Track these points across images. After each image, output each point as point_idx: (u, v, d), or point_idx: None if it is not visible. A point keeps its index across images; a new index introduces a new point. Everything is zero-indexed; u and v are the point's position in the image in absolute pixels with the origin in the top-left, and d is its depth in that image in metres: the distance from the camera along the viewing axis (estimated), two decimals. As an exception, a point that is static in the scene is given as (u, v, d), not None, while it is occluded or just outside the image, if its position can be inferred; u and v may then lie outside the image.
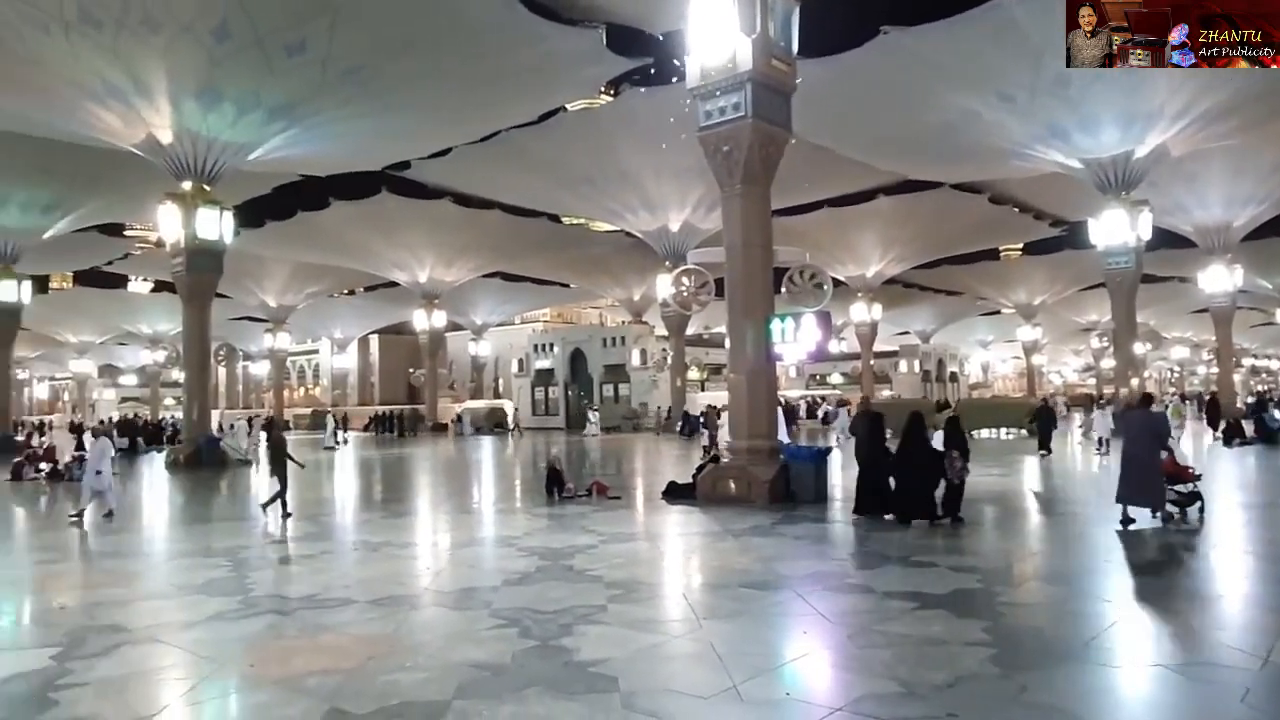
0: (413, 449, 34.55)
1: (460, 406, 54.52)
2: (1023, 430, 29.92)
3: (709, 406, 32.33)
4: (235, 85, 23.62)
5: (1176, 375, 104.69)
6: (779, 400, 18.69)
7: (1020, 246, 64.37)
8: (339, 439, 37.89)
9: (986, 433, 31.65)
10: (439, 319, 52.33)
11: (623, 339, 51.03)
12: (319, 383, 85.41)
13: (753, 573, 8.73)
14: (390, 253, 47.89)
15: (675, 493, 15.03)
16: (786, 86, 15.22)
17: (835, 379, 79.45)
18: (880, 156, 35.16)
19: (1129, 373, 32.99)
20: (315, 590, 8.30)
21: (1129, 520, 10.74)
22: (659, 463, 24.20)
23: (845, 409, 35.82)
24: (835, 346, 60.25)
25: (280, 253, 49.44)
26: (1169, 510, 10.96)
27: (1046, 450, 22.59)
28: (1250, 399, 42.25)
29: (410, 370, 74.81)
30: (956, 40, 24.59)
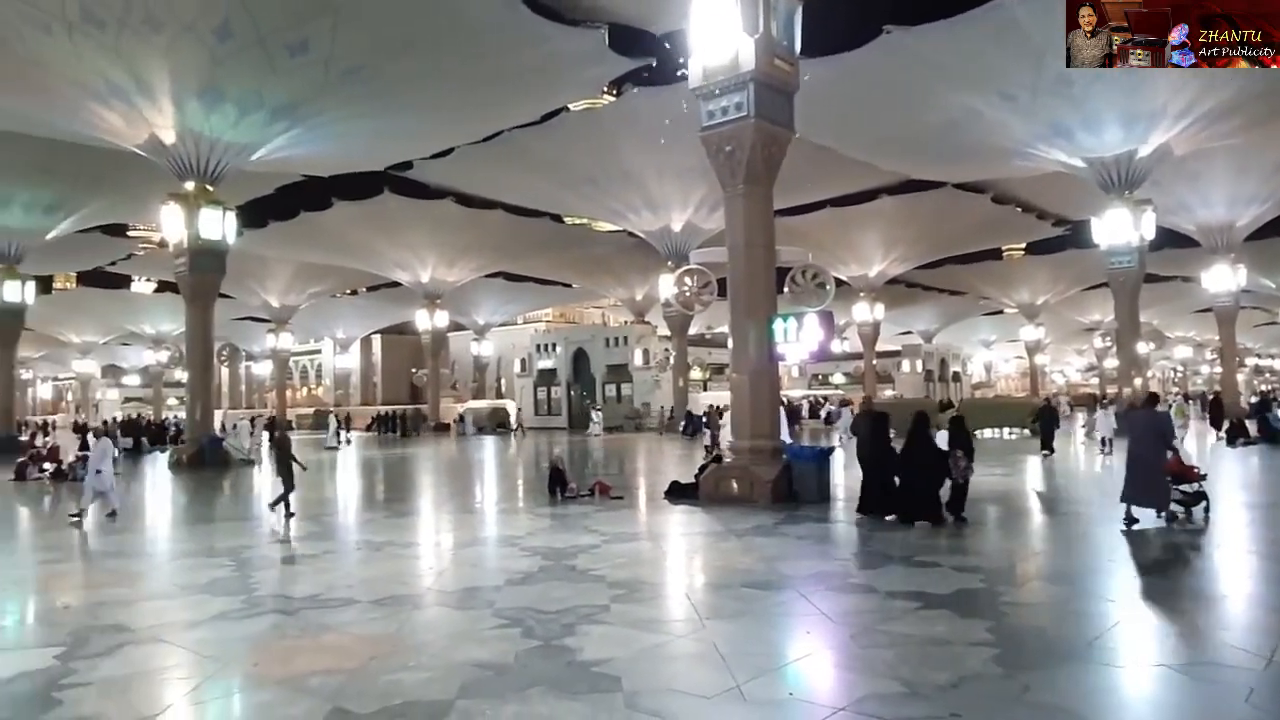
0: (415, 449, 34.56)
1: (462, 406, 54.53)
2: (1025, 430, 29.89)
3: (711, 406, 32.33)
4: (237, 85, 23.65)
5: (1180, 375, 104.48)
6: (781, 400, 18.68)
7: (1023, 246, 64.24)
8: (341, 439, 37.95)
9: (989, 432, 31.60)
10: (441, 319, 52.33)
11: (625, 339, 51.01)
12: (321, 383, 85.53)
13: (755, 572, 8.73)
14: (393, 253, 47.93)
15: (678, 492, 15.04)
16: (789, 86, 15.21)
17: (838, 379, 79.47)
18: (883, 156, 35.12)
19: (1132, 372, 32.93)
20: (318, 590, 8.31)
21: (1132, 520, 10.74)
22: (661, 463, 24.19)
23: (848, 408, 35.78)
24: (838, 346, 60.27)
25: (283, 253, 49.49)
26: (1172, 510, 10.95)
27: (1049, 450, 22.56)
28: (1254, 399, 42.10)
29: (413, 370, 74.86)
30: (959, 40, 24.57)
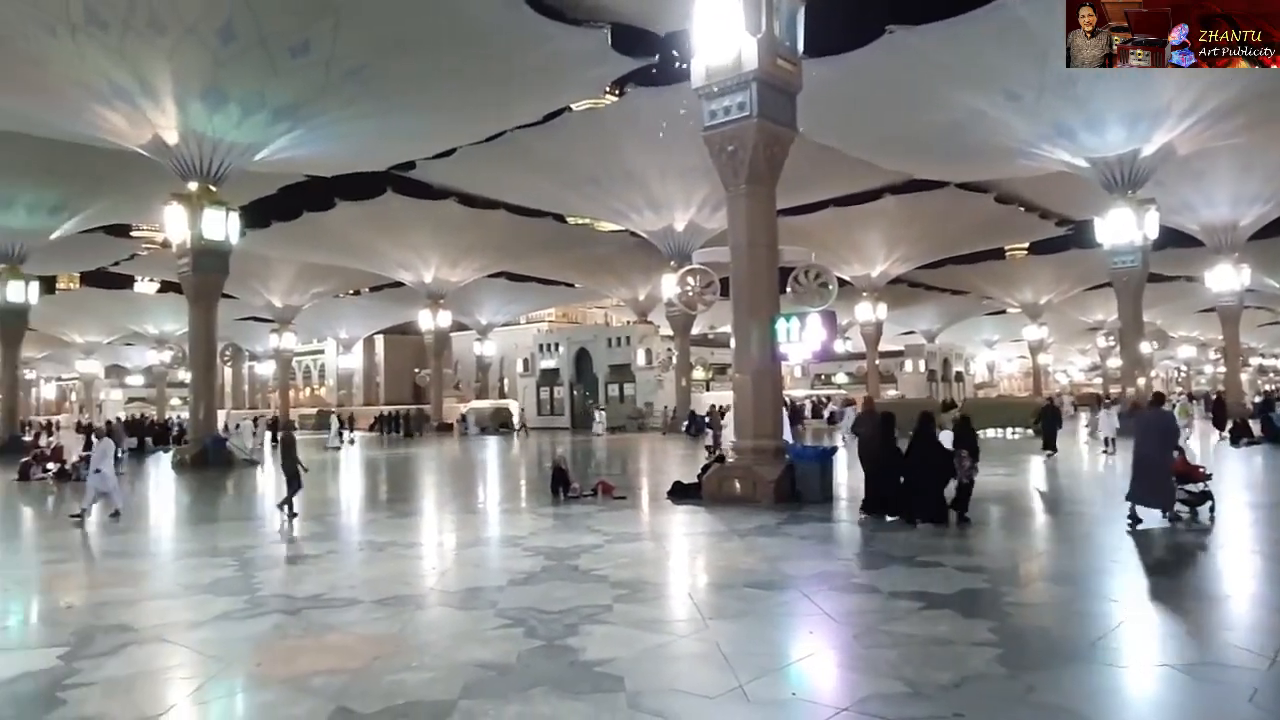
0: (418, 449, 34.58)
1: (465, 406, 54.58)
2: (1028, 430, 29.85)
3: (712, 406, 32.32)
4: (240, 86, 23.70)
5: (1183, 375, 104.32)
6: (784, 400, 18.66)
7: (1026, 246, 64.25)
8: (344, 439, 38.01)
9: (992, 432, 31.57)
10: (444, 319, 52.39)
11: (628, 339, 51.03)
12: (324, 383, 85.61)
13: (758, 573, 8.72)
14: (395, 253, 47.98)
15: (680, 492, 15.03)
16: (792, 86, 15.20)
17: (840, 379, 79.41)
18: (886, 156, 35.11)
19: (1135, 372, 32.89)
20: (321, 590, 8.32)
21: (1137, 520, 10.71)
22: (664, 462, 24.18)
23: (851, 408, 35.74)
24: (840, 346, 60.12)
25: (286, 253, 49.57)
26: (1176, 511, 10.93)
27: (1052, 450, 22.53)
28: (1257, 398, 42.02)
29: (415, 370, 75.03)
30: (962, 39, 24.56)
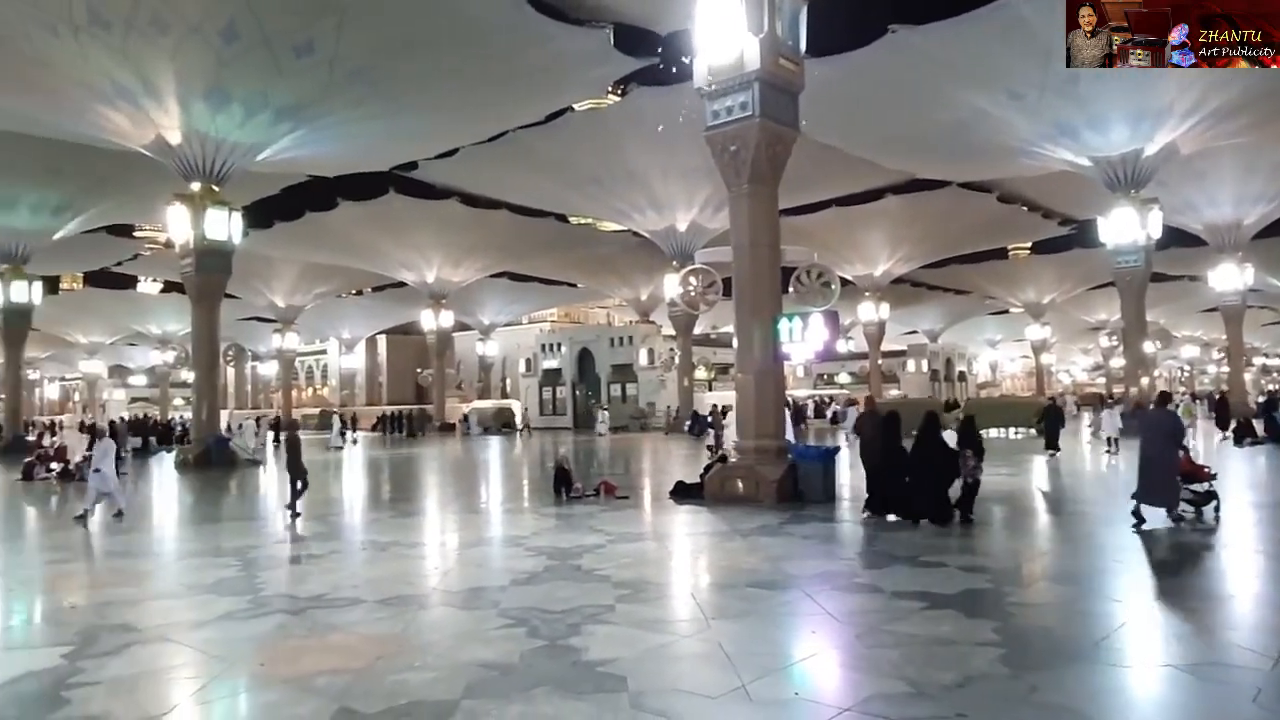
0: (420, 449, 34.61)
1: (468, 406, 54.63)
2: (1031, 430, 29.83)
3: (713, 406, 32.33)
4: (243, 86, 23.72)
5: (1187, 374, 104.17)
6: (787, 400, 18.65)
7: (1029, 245, 64.13)
8: (347, 439, 38.04)
9: (995, 432, 31.54)
10: (446, 319, 52.43)
11: (630, 339, 51.05)
12: (327, 383, 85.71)
13: (761, 572, 8.72)
14: (398, 253, 48.01)
15: (683, 492, 15.03)
16: (794, 86, 15.19)
17: (843, 378, 79.40)
18: (888, 155, 35.09)
19: (1139, 372, 32.83)
20: (324, 590, 8.33)
21: (1141, 519, 10.70)
22: (667, 462, 24.17)
23: (854, 408, 35.73)
24: (843, 346, 60.11)
25: (288, 253, 49.63)
26: (1180, 511, 10.91)
27: (1055, 449, 22.52)
28: (1261, 398, 41.93)
29: (418, 370, 75.11)
30: (964, 38, 24.54)
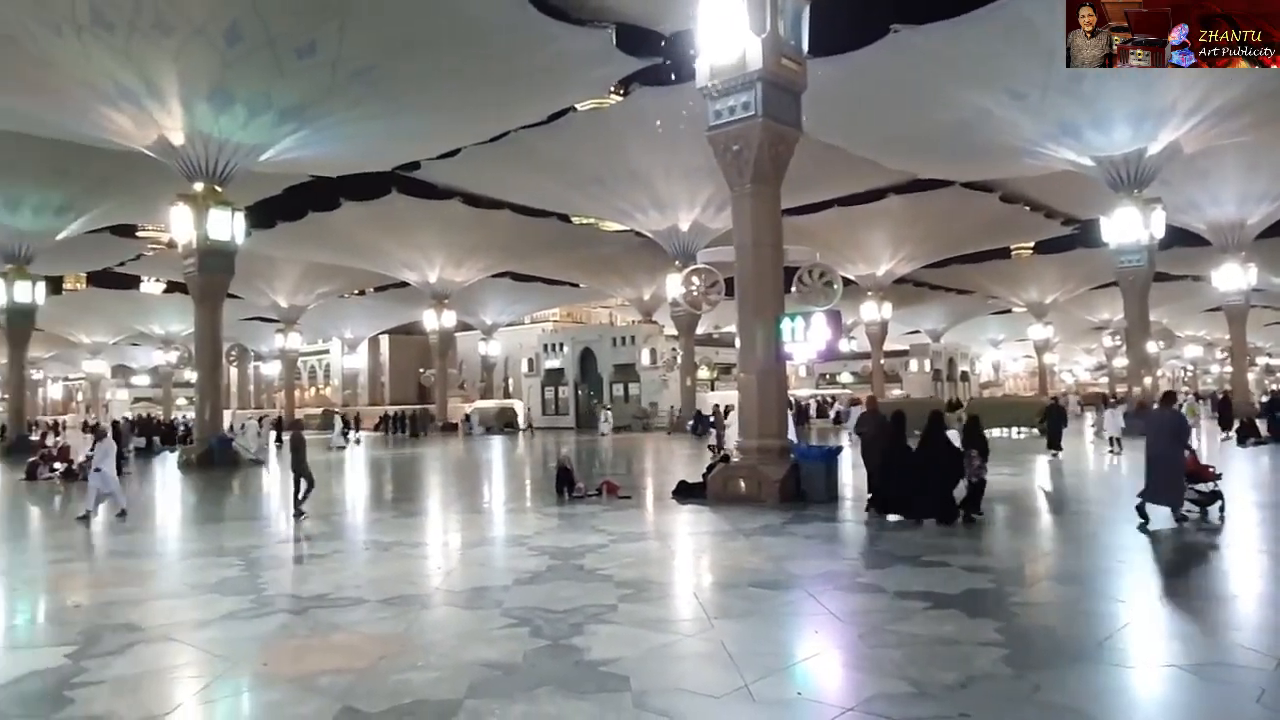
0: (423, 449, 34.63)
1: (470, 406, 54.67)
2: (1034, 429, 29.80)
3: (715, 406, 32.32)
4: (246, 87, 23.75)
5: (1190, 374, 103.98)
6: (789, 400, 18.64)
7: (1031, 245, 64.11)
8: (350, 438, 38.08)
9: (998, 432, 31.50)
10: (449, 319, 52.50)
11: (632, 338, 51.06)
12: (330, 383, 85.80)
13: (764, 572, 8.71)
14: (400, 253, 48.07)
15: (685, 492, 15.02)
16: (796, 85, 15.19)
17: (845, 378, 79.36)
18: (890, 155, 35.07)
19: (1142, 372, 32.81)
20: (327, 589, 8.34)
21: (1145, 518, 10.68)
22: (669, 462, 24.16)
23: (857, 408, 35.70)
24: (845, 346, 60.10)
25: (291, 253, 49.72)
26: (1184, 511, 10.88)
27: (1057, 449, 22.49)
28: (1264, 398, 41.86)
29: (420, 370, 75.12)
30: (967, 38, 24.52)
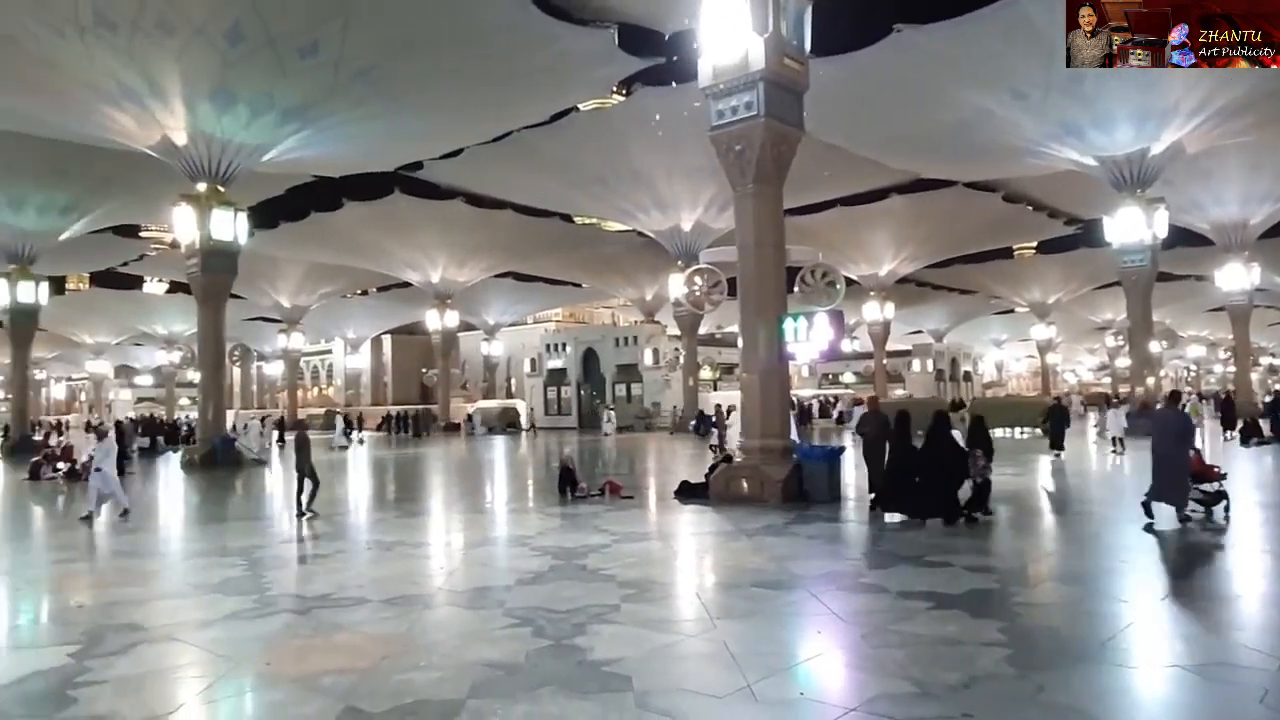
0: (425, 449, 34.65)
1: (472, 406, 54.70)
2: (1037, 429, 29.77)
3: (716, 406, 32.30)
4: (249, 87, 23.77)
5: (1193, 374, 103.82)
6: (792, 400, 18.64)
7: (1034, 245, 64.08)
8: (352, 438, 38.12)
9: (1000, 432, 31.39)
10: (451, 319, 52.52)
11: (635, 338, 51.07)
12: (332, 383, 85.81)
13: (766, 572, 8.71)
14: (403, 253, 48.10)
15: (688, 492, 15.02)
16: (799, 85, 15.18)
17: (848, 378, 79.24)
18: (893, 155, 35.05)
19: (1145, 372, 32.76)
20: (330, 589, 8.34)
21: (1151, 517, 10.66)
22: (672, 462, 24.17)
23: (860, 408, 35.68)
24: (848, 346, 60.13)
25: (294, 253, 49.77)
26: (1188, 511, 10.86)
27: (1060, 449, 22.47)
28: (1267, 398, 41.81)
29: (423, 370, 75.11)
30: (969, 38, 24.51)
